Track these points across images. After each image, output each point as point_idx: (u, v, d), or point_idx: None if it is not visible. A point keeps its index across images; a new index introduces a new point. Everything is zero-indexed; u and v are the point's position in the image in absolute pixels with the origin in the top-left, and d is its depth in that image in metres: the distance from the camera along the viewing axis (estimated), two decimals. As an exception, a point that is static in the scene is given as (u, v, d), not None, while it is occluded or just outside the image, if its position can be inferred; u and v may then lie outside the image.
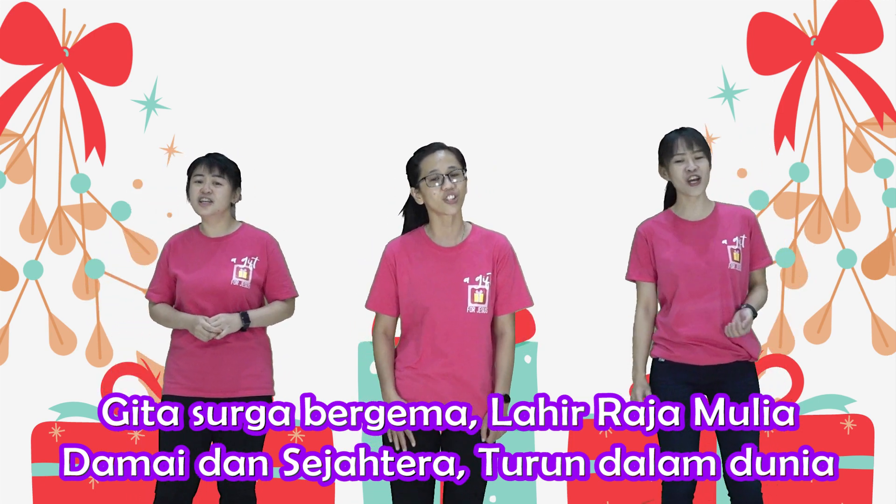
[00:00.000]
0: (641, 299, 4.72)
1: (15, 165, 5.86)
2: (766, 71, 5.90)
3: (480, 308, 4.34)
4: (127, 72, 5.88)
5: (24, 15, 5.86)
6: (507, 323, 4.40)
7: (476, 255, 4.37)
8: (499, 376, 4.37)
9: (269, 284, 4.75)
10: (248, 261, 4.71)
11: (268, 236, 4.79)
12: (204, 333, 4.59)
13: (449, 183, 4.32)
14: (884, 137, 5.89)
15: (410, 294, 4.36)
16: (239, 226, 4.79)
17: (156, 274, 4.81)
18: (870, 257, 5.89)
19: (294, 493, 5.55)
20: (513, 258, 4.42)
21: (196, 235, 4.78)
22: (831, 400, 5.83)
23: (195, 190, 4.72)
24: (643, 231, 4.73)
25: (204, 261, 4.71)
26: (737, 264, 4.62)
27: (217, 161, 4.74)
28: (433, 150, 4.38)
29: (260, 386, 4.69)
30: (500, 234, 4.46)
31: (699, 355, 4.61)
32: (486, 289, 4.35)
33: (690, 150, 4.63)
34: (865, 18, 5.89)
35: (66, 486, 5.55)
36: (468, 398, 4.31)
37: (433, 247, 4.39)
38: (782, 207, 5.89)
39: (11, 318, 5.85)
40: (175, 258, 4.75)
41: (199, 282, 4.67)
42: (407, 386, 4.35)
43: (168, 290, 4.76)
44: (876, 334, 5.88)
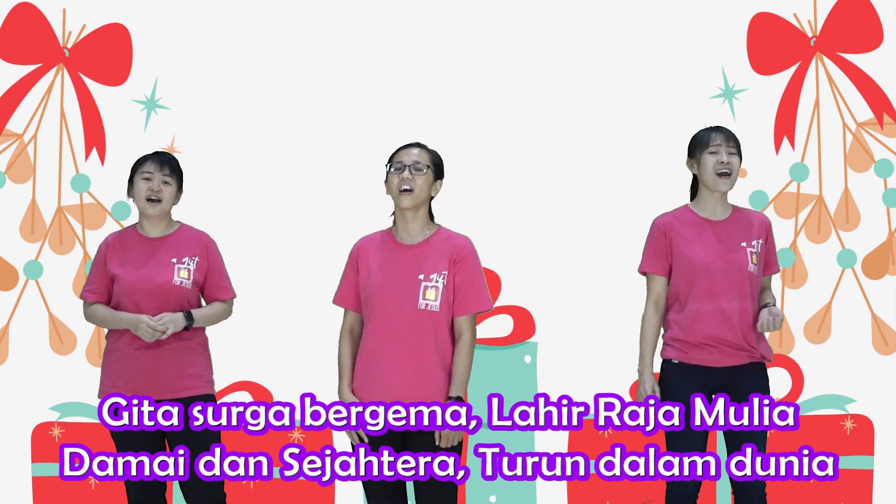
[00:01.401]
0: (652, 293, 4.69)
1: (15, 165, 5.86)
2: (766, 71, 5.90)
3: (432, 305, 4.33)
4: (127, 72, 5.88)
5: (24, 15, 5.86)
6: (465, 325, 4.37)
7: (435, 253, 4.37)
8: (453, 377, 4.33)
9: (208, 285, 4.71)
10: (189, 261, 4.67)
11: (207, 237, 4.75)
12: (148, 332, 4.53)
13: (407, 174, 4.33)
14: (884, 137, 5.89)
15: (367, 287, 4.38)
16: (177, 226, 4.74)
17: (91, 273, 4.72)
18: (870, 257, 5.89)
19: (294, 493, 5.55)
20: (473, 260, 4.40)
21: (133, 234, 4.72)
22: (831, 400, 5.83)
23: (142, 188, 4.64)
24: (661, 224, 4.69)
25: (144, 260, 4.65)
26: (755, 267, 4.63)
27: (168, 160, 4.69)
28: (410, 146, 4.43)
29: (201, 385, 4.65)
30: (464, 235, 4.45)
31: (715, 357, 4.59)
32: (439, 286, 4.33)
33: (726, 144, 4.63)
34: (865, 18, 5.89)
35: (66, 486, 5.55)
36: (418, 394, 4.29)
37: (395, 244, 4.41)
38: (782, 207, 5.89)
39: (11, 318, 5.85)
40: (113, 258, 4.68)
41: (139, 281, 4.61)
42: (361, 385, 4.36)
43: (105, 290, 4.69)
44: (876, 334, 5.88)
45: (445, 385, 4.33)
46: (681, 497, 4.60)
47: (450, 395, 4.31)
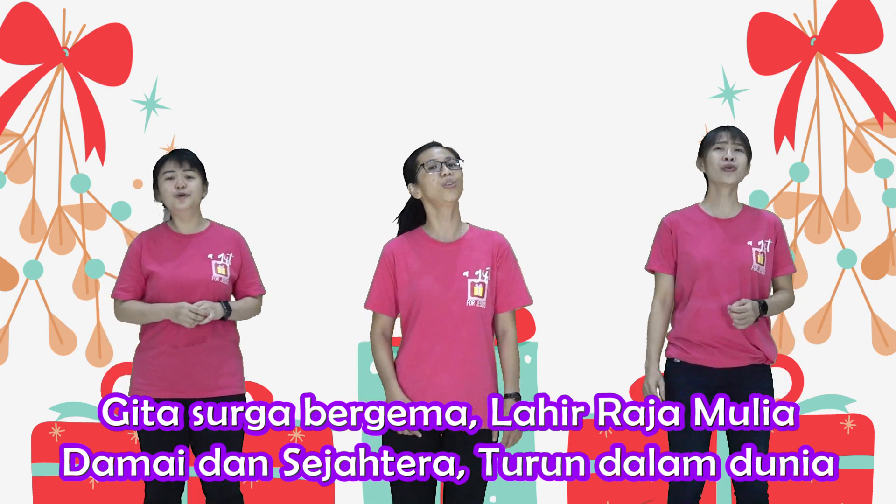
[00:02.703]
0: (659, 291, 4.71)
1: (15, 165, 5.86)
2: (766, 71, 5.90)
3: (479, 302, 4.33)
4: (127, 72, 5.88)
5: (24, 15, 5.86)
6: (509, 321, 4.39)
7: (475, 249, 4.38)
8: (507, 374, 4.37)
9: (240, 281, 4.73)
10: (224, 257, 4.69)
11: (238, 234, 4.78)
12: (190, 317, 4.53)
13: (447, 169, 4.33)
14: (884, 137, 5.89)
15: (410, 287, 4.35)
16: (208, 224, 4.76)
17: (124, 272, 4.71)
18: (870, 257, 5.89)
19: (294, 493, 5.55)
20: (512, 256, 4.43)
21: (166, 232, 4.73)
22: (831, 400, 5.83)
23: (168, 187, 4.67)
24: (668, 222, 4.71)
25: (180, 257, 4.66)
26: (760, 267, 4.62)
27: (186, 156, 4.72)
28: (430, 146, 4.42)
29: (235, 385, 4.66)
30: (498, 232, 4.46)
31: (716, 357, 4.60)
32: (485, 283, 4.34)
33: (733, 141, 4.64)
34: (865, 18, 5.89)
35: (66, 486, 5.55)
36: (469, 393, 4.30)
37: (432, 242, 4.40)
38: (782, 207, 5.89)
39: (11, 318, 5.85)
40: (148, 255, 4.68)
41: (179, 278, 4.62)
42: (408, 385, 4.35)
43: (139, 287, 4.68)
44: (876, 334, 5.88)
45: (492, 382, 4.35)
46: (683, 500, 4.60)
47: (507, 392, 4.33)
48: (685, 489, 4.57)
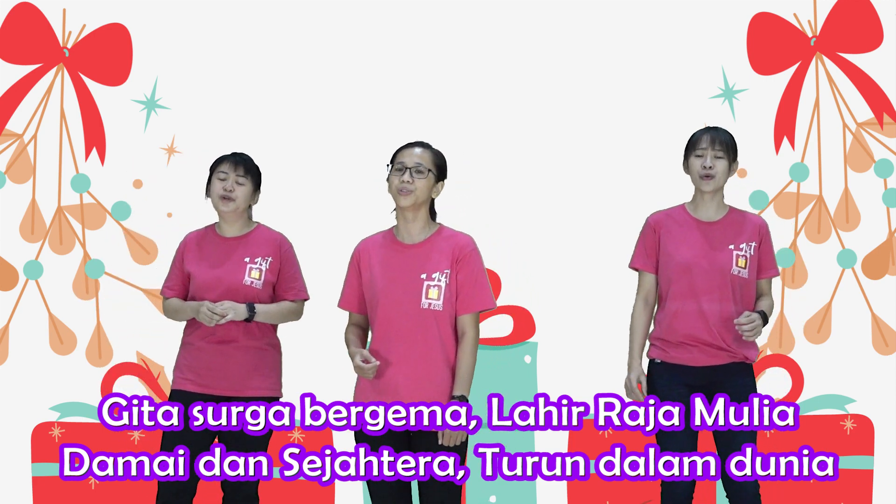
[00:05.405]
0: (642, 290, 4.74)
1: (15, 165, 5.86)
2: (766, 71, 5.90)
3: (434, 304, 4.33)
4: (127, 72, 5.89)
5: (24, 15, 5.86)
6: (469, 324, 4.36)
7: (437, 252, 4.37)
8: (457, 376, 4.33)
9: (279, 285, 4.76)
10: (262, 261, 4.72)
11: (282, 237, 4.81)
12: (207, 315, 4.58)
13: (408, 176, 4.33)
14: (884, 137, 5.89)
15: (371, 287, 4.38)
16: (255, 226, 4.80)
17: (171, 270, 4.82)
18: (870, 257, 5.89)
19: (294, 493, 5.55)
20: (475, 258, 4.39)
21: (212, 234, 4.79)
22: (831, 400, 5.83)
23: (218, 186, 4.72)
24: (653, 222, 4.74)
25: (218, 260, 4.72)
26: (741, 270, 4.63)
27: (242, 160, 4.76)
28: (413, 146, 4.42)
29: (267, 387, 4.69)
30: (466, 234, 4.44)
31: (695, 356, 4.62)
32: (441, 286, 4.33)
33: (712, 147, 4.65)
34: (865, 18, 5.89)
35: (66, 486, 5.55)
36: (425, 396, 4.28)
37: (397, 243, 4.42)
38: (782, 207, 5.89)
39: (11, 318, 5.85)
40: (190, 256, 4.76)
41: (212, 280, 4.68)
42: (366, 384, 4.35)
43: (182, 286, 4.77)
44: (876, 334, 5.88)
45: (450, 384, 4.32)
46: (675, 499, 4.59)
47: (453, 394, 4.31)
48: (676, 489, 4.57)
